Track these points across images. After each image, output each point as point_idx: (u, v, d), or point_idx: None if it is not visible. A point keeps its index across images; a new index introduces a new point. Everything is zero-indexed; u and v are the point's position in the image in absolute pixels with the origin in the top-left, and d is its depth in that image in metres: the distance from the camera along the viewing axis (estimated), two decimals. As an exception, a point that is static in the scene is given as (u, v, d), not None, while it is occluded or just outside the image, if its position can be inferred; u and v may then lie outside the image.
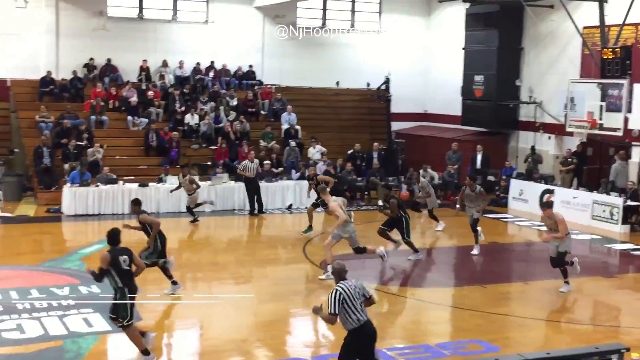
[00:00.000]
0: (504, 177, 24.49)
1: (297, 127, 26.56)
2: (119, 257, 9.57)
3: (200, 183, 21.08)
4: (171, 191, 20.67)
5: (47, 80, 25.69)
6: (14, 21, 25.89)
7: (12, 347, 10.06)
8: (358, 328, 8.27)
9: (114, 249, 9.68)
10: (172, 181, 21.36)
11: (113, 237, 9.76)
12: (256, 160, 22.09)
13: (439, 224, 19.81)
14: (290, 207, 22.46)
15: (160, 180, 21.79)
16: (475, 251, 16.89)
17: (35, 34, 26.31)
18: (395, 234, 16.05)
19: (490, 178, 24.93)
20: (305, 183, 21.73)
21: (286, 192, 22.73)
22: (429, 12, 31.67)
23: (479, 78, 26.96)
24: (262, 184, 22.05)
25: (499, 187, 24.33)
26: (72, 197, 20.49)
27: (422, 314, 12.88)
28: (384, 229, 16.05)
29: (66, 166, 22.03)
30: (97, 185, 20.76)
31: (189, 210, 20.04)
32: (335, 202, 14.39)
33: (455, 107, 28.35)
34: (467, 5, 27.27)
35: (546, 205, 15.80)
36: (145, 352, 9.65)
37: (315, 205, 19.11)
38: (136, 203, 13.23)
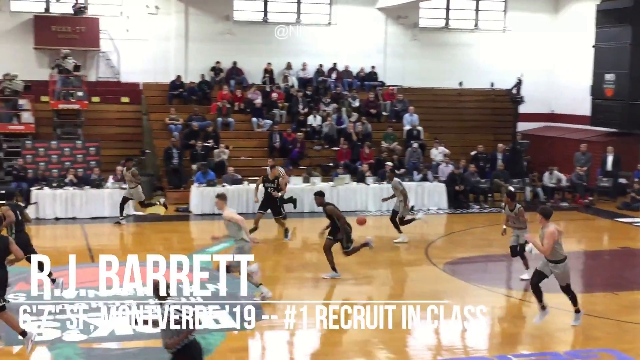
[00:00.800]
0: (636, 179, 23.44)
1: (419, 128, 26.36)
2: None
3: (323, 184, 21.27)
4: None
5: (176, 84, 26.62)
6: (145, 27, 27.01)
7: (145, 340, 10.46)
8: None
9: None
10: (295, 182, 21.65)
11: None
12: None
13: (400, 236, 17.82)
14: (412, 208, 22.28)
15: (283, 181, 22.11)
16: (525, 276, 14.26)
17: (166, 39, 27.34)
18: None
19: (622, 180, 23.97)
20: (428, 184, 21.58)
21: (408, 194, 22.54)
22: (557, 10, 30.79)
23: (610, 77, 26.00)
24: (384, 185, 21.96)
25: (631, 190, 23.34)
26: (199, 196, 21.13)
27: (550, 320, 12.46)
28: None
29: (194, 166, 22.73)
30: (223, 185, 21.30)
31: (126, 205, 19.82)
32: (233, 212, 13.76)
33: (583, 107, 27.43)
34: (598, 1, 26.33)
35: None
36: (23, 333, 10.03)
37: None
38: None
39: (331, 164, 24.02)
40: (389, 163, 23.27)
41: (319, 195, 14.77)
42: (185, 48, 27.69)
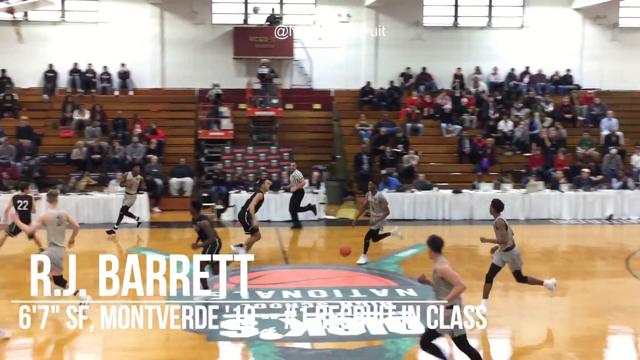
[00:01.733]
0: None
1: (619, 133, 25.05)
2: None
3: (514, 191, 20.80)
4: None
5: (366, 90, 27.01)
6: (337, 35, 27.64)
7: (337, 342, 10.68)
8: None
9: None
10: (485, 188, 21.31)
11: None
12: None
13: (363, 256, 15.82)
14: (610, 217, 21.25)
15: (473, 187, 21.79)
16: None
17: (356, 46, 27.82)
18: None
19: None
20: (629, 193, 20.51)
21: (606, 202, 21.52)
22: None
23: None
24: (580, 193, 21.11)
25: None
26: (388, 202, 21.20)
27: None
28: None
29: (383, 172, 22.92)
30: (412, 191, 21.31)
31: (128, 213, 18.89)
32: None
33: None
34: None
35: None
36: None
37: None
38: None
39: (523, 171, 23.35)
40: (586, 170, 22.30)
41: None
42: (375, 54, 28.04)
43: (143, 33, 27.38)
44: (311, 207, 20.03)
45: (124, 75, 27.29)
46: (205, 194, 21.80)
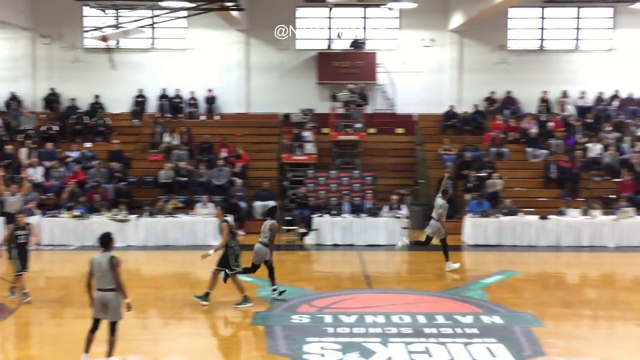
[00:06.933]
0: None
1: None
2: None
3: (603, 217, 20.27)
4: None
5: (450, 114, 26.85)
6: (421, 59, 27.65)
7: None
8: None
9: None
10: (573, 214, 20.85)
11: None
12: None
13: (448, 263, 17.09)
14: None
15: (560, 213, 21.31)
16: None
17: (440, 70, 27.75)
18: None
19: None
20: None
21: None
22: None
23: None
24: None
25: None
26: (472, 226, 21.01)
27: None
28: None
29: (467, 196, 22.67)
30: (497, 216, 21.00)
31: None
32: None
33: None
34: None
35: None
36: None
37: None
38: None
39: (613, 196, 22.71)
40: (678, 196, 21.58)
41: None
42: (459, 78, 27.88)
43: (229, 59, 27.98)
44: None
45: (211, 100, 27.91)
46: (288, 218, 21.98)
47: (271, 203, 21.99)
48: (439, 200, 17.27)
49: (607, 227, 20.60)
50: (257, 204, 23.00)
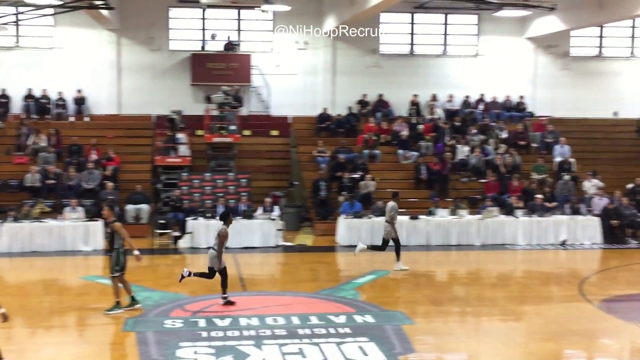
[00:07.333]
0: None
1: (571, 159, 25.54)
2: None
3: (470, 217, 21.04)
4: None
5: (323, 116, 27.18)
6: (295, 61, 27.84)
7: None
8: None
9: None
10: (441, 214, 21.52)
11: None
12: None
13: (398, 263, 17.62)
14: (564, 242, 21.57)
15: (430, 213, 21.96)
16: None
17: (314, 73, 28.04)
18: None
19: None
20: (581, 218, 20.91)
21: (559, 227, 21.85)
22: None
23: None
24: (534, 219, 21.51)
25: None
26: (346, 228, 21.32)
27: None
28: None
29: (341, 198, 23.00)
30: (370, 217, 21.40)
31: None
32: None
33: None
34: None
35: None
36: None
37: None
38: None
39: (479, 197, 23.64)
40: (539, 196, 22.66)
41: None
42: (332, 81, 28.25)
43: (99, 58, 27.23)
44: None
45: (80, 101, 27.07)
46: (162, 221, 21.62)
47: (142, 206, 21.65)
48: (390, 203, 17.86)
49: (474, 226, 21.41)
50: (129, 207, 22.50)
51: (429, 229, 21.42)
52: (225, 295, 13.88)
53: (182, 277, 13.94)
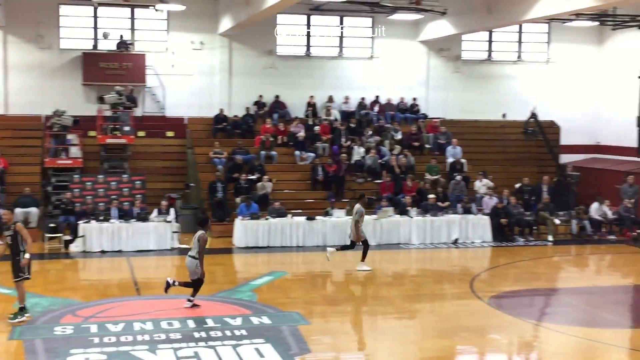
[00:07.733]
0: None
1: (463, 160, 26.26)
2: None
3: (366, 217, 21.26)
4: None
5: (220, 117, 26.97)
6: (190, 62, 27.50)
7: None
8: None
9: None
10: (338, 215, 21.71)
11: None
12: None
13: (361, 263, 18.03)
14: (456, 241, 22.15)
15: (327, 214, 22.11)
16: None
17: (210, 74, 27.78)
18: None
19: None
20: (472, 217, 21.52)
21: (451, 226, 22.42)
22: (601, 41, 30.56)
23: (656, 107, 25.59)
24: (427, 218, 22.03)
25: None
26: (243, 229, 21.22)
27: (597, 356, 12.21)
28: None
29: (238, 200, 22.88)
30: (267, 218, 21.39)
31: None
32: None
33: (630, 139, 27.01)
34: (643, 31, 26.09)
35: None
36: None
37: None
38: None
39: (374, 197, 23.97)
40: (432, 196, 23.18)
41: None
42: (229, 82, 28.05)
43: (-16, 57, 26.16)
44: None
45: (-36, 101, 25.94)
46: (52, 224, 20.95)
47: (31, 209, 20.97)
48: (356, 206, 18.01)
49: (369, 226, 21.65)
50: (17, 210, 21.66)
51: (325, 230, 21.57)
52: (191, 298, 13.83)
53: (168, 284, 13.84)
